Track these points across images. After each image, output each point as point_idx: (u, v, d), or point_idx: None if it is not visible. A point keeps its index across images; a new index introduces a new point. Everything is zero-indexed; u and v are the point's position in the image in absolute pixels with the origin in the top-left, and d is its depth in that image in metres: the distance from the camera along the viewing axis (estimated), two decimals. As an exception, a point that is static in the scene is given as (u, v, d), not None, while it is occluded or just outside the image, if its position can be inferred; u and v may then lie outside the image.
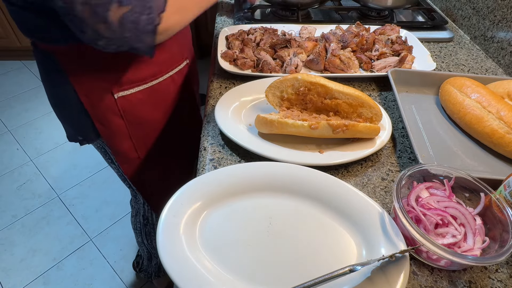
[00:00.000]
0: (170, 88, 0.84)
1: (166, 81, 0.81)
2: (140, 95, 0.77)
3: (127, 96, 0.75)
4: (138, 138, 0.85)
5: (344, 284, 0.47)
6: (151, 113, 0.83)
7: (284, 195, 0.57)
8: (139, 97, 0.77)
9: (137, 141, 0.85)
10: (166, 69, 0.80)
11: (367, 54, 0.89)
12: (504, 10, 0.95)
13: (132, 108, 0.78)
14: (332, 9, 1.18)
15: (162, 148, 0.92)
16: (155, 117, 0.84)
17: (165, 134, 0.90)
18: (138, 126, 0.82)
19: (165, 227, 0.50)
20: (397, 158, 0.68)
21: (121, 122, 0.79)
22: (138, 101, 0.78)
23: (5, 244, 1.64)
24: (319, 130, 0.63)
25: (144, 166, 0.91)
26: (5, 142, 2.15)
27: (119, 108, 0.76)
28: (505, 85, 0.75)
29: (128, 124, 0.80)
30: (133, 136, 0.83)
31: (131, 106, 0.77)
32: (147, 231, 1.20)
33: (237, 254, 0.50)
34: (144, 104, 0.79)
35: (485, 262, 0.45)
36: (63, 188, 1.90)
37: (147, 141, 0.87)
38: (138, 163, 0.90)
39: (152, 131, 0.87)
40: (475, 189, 0.54)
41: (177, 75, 0.84)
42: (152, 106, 0.82)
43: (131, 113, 0.79)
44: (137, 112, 0.80)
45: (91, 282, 1.52)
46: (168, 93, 0.84)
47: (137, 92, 0.77)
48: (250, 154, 0.64)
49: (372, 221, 0.53)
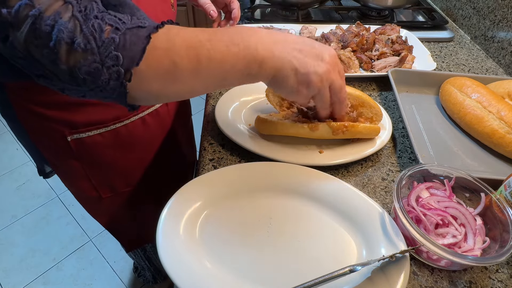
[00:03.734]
0: (139, 130, 0.71)
1: (134, 124, 0.69)
2: (100, 138, 0.67)
3: (83, 139, 0.65)
4: (98, 179, 0.75)
5: (344, 284, 0.47)
6: (114, 155, 0.71)
7: (284, 195, 0.57)
8: (97, 140, 0.67)
9: (97, 181, 0.75)
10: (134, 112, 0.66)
11: (367, 54, 0.89)
12: (504, 10, 0.95)
13: (90, 151, 0.68)
14: (332, 9, 1.18)
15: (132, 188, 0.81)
16: (119, 158, 0.73)
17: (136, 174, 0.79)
18: (98, 167, 0.72)
19: (165, 227, 0.50)
20: (397, 158, 0.68)
21: (75, 163, 0.70)
22: (96, 144, 0.67)
23: (5, 244, 1.64)
24: (319, 132, 0.63)
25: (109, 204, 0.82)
26: (5, 142, 2.15)
27: (73, 150, 0.66)
28: (506, 85, 0.75)
29: (84, 165, 0.71)
30: (92, 176, 0.73)
31: (88, 148, 0.67)
32: None
33: (237, 254, 0.50)
34: (104, 146, 0.69)
35: (485, 262, 0.45)
36: (63, 188, 1.89)
37: (111, 181, 0.77)
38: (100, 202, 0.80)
39: (117, 172, 0.76)
40: (475, 189, 0.54)
41: (150, 117, 0.72)
42: (115, 148, 0.70)
43: (88, 155, 0.69)
44: (96, 154, 0.69)
45: (91, 282, 1.52)
46: (136, 135, 0.71)
47: (96, 135, 0.66)
48: (250, 154, 0.64)
49: (372, 221, 0.53)
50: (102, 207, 0.84)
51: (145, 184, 0.83)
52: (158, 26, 0.40)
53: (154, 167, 0.81)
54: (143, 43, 0.39)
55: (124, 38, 0.38)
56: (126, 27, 0.39)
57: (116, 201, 0.82)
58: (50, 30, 0.36)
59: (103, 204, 0.82)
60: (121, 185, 0.79)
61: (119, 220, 0.90)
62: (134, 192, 0.82)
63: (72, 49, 0.37)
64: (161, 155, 0.81)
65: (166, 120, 0.79)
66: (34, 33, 0.36)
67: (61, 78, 0.39)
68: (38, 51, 0.37)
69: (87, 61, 0.37)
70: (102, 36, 0.37)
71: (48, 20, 0.36)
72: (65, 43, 0.36)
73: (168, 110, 0.78)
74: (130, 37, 0.39)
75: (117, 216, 0.88)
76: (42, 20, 0.36)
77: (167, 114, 0.78)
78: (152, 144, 0.78)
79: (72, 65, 0.37)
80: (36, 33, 0.36)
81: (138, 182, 0.81)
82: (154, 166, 0.81)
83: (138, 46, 0.39)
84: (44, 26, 0.36)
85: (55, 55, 0.37)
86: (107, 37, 0.38)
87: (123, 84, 0.39)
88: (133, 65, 0.39)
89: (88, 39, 0.37)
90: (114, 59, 0.38)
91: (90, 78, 0.38)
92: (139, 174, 0.80)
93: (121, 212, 0.87)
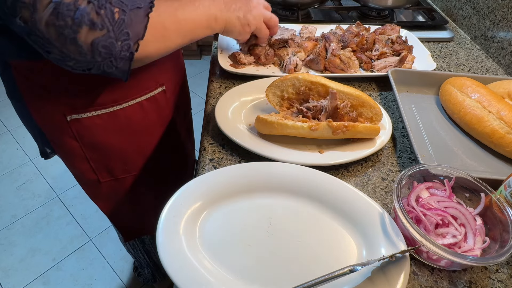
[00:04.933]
0: (137, 115, 0.75)
1: (132, 107, 0.73)
2: (98, 120, 0.70)
3: (81, 120, 0.69)
4: (97, 162, 0.78)
5: (344, 284, 0.47)
6: (113, 138, 0.75)
7: (284, 195, 0.57)
8: (96, 122, 0.70)
9: (96, 164, 0.78)
10: (132, 95, 0.72)
11: (367, 54, 0.89)
12: (504, 10, 0.95)
13: (89, 132, 0.71)
14: (332, 9, 1.18)
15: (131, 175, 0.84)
16: (118, 143, 0.76)
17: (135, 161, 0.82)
18: (97, 150, 0.75)
19: (165, 227, 0.50)
20: (397, 158, 0.68)
21: (75, 144, 0.73)
22: (95, 126, 0.71)
23: (5, 244, 1.64)
24: (319, 131, 0.63)
25: (108, 189, 0.84)
26: (5, 142, 2.15)
27: (72, 130, 0.70)
28: (506, 85, 0.75)
29: (83, 146, 0.74)
30: (91, 159, 0.76)
31: (87, 130, 0.71)
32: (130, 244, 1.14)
33: (237, 254, 0.50)
34: (103, 129, 0.72)
35: (485, 262, 0.45)
36: (63, 188, 1.90)
37: (110, 166, 0.80)
38: (99, 185, 0.83)
39: (115, 156, 0.78)
40: (475, 189, 0.54)
41: (148, 102, 0.75)
42: (114, 132, 0.74)
43: (87, 136, 0.72)
44: (95, 136, 0.73)
45: (91, 282, 1.52)
46: (135, 120, 0.75)
47: (94, 117, 0.69)
48: (250, 154, 0.64)
49: (372, 221, 0.53)
50: (101, 192, 0.86)
51: (144, 174, 0.85)
52: (150, 6, 0.51)
53: (153, 156, 0.84)
54: (143, 22, 0.50)
55: (129, 18, 0.49)
56: (129, 9, 0.49)
57: (115, 187, 0.84)
58: (72, 14, 0.45)
59: (102, 188, 0.84)
60: (119, 170, 0.81)
61: (118, 207, 0.91)
62: (133, 180, 0.85)
63: (92, 29, 0.46)
64: (160, 145, 0.84)
65: (165, 109, 0.82)
66: (57, 16, 0.44)
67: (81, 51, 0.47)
68: (56, 31, 0.45)
69: (104, 37, 0.47)
70: (114, 17, 0.47)
71: (70, 6, 0.44)
72: (85, 24, 0.45)
73: (167, 99, 0.80)
74: (133, 17, 0.49)
75: (116, 202, 0.90)
76: (64, 5, 0.44)
77: (166, 102, 0.80)
78: (150, 132, 0.81)
79: (90, 41, 0.47)
80: (58, 16, 0.44)
81: (137, 169, 0.84)
82: (153, 155, 0.84)
83: (141, 23, 0.50)
84: (66, 11, 0.44)
85: (75, 34, 0.46)
86: (118, 17, 0.48)
87: (132, 52, 0.51)
88: (140, 38, 0.51)
89: (104, 21, 0.46)
90: (126, 35, 0.49)
91: (105, 50, 0.48)
92: (138, 162, 0.82)
93: (120, 199, 0.89)
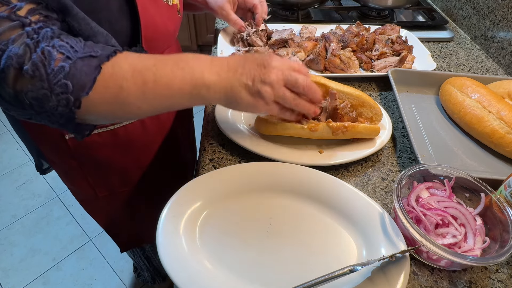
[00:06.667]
0: (138, 133, 0.72)
1: (133, 125, 0.70)
2: (98, 138, 0.67)
3: None
4: (95, 178, 0.75)
5: (344, 284, 0.47)
6: (112, 155, 0.72)
7: (284, 195, 0.57)
8: (96, 140, 0.67)
9: (95, 180, 0.76)
10: None
11: (367, 54, 0.89)
12: (504, 10, 0.95)
13: (88, 151, 0.68)
14: (332, 9, 1.18)
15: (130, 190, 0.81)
16: (117, 159, 0.73)
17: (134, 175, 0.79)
18: (96, 167, 0.73)
19: (165, 227, 0.50)
20: (397, 158, 0.68)
21: (73, 162, 0.70)
22: (95, 144, 0.68)
23: (4, 244, 1.64)
24: (319, 132, 0.63)
25: (105, 203, 0.82)
26: (5, 142, 2.14)
27: (71, 149, 0.67)
28: (506, 85, 0.75)
29: (82, 165, 0.71)
30: (90, 176, 0.74)
31: (87, 148, 0.68)
32: None
33: (237, 254, 0.50)
34: (103, 147, 0.69)
35: (485, 262, 0.45)
36: (63, 188, 1.90)
37: (108, 181, 0.77)
38: (96, 200, 0.80)
39: (114, 172, 0.76)
40: (475, 189, 0.54)
41: (150, 120, 0.72)
42: (114, 149, 0.70)
43: (86, 155, 0.69)
44: (94, 154, 0.69)
45: (91, 282, 1.52)
46: (135, 137, 0.72)
47: (94, 135, 0.66)
48: (250, 154, 0.64)
49: (372, 221, 0.53)
50: (98, 205, 0.84)
51: (143, 185, 0.83)
52: (109, 55, 0.42)
53: (152, 169, 0.81)
54: (93, 73, 0.41)
55: (74, 67, 0.40)
56: (78, 56, 0.40)
57: (112, 200, 0.82)
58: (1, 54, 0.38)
59: (99, 203, 0.82)
60: (118, 185, 0.79)
61: (115, 220, 0.90)
62: (132, 192, 0.82)
63: (20, 75, 0.38)
64: (160, 157, 0.81)
65: (166, 123, 0.79)
66: None
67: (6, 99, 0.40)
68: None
69: (34, 87, 0.39)
70: (52, 64, 0.39)
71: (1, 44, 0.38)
72: (13, 68, 0.38)
73: (169, 115, 0.78)
74: (81, 67, 0.40)
75: (113, 215, 0.88)
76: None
77: (167, 118, 0.78)
78: (151, 147, 0.78)
79: (18, 89, 0.39)
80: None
81: (136, 183, 0.81)
82: (152, 168, 0.81)
83: (88, 76, 0.41)
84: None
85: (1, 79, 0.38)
86: (57, 65, 0.39)
87: (72, 110, 0.41)
88: (83, 94, 0.41)
89: (36, 66, 0.38)
90: (64, 87, 0.39)
91: (36, 103, 0.40)
92: (137, 175, 0.80)
93: (117, 212, 0.87)
